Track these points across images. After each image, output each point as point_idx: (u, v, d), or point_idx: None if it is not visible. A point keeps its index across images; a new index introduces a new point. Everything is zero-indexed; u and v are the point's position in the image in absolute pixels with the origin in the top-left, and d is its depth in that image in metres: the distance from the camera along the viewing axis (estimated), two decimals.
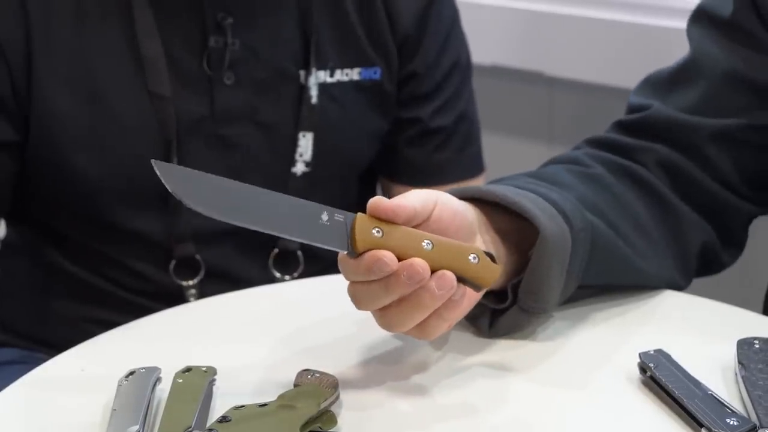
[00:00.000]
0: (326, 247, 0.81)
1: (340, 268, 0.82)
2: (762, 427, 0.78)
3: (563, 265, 0.91)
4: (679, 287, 1.04)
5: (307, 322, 0.97)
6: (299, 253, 1.30)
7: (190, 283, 1.27)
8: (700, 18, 1.12)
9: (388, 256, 0.80)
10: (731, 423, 0.78)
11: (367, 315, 0.86)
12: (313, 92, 1.27)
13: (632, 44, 1.81)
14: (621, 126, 1.10)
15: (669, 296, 1.02)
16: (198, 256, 1.26)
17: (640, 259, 1.00)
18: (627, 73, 1.74)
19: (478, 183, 1.40)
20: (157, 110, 1.21)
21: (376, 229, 0.80)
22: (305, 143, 1.27)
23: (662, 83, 1.11)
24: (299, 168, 1.27)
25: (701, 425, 0.79)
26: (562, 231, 0.90)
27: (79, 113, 1.21)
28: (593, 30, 1.86)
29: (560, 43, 1.90)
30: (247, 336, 0.95)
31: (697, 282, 1.08)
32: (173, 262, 1.26)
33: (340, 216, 0.81)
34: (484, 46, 1.78)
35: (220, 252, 1.27)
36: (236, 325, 0.98)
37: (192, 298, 1.26)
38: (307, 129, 1.27)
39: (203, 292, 1.25)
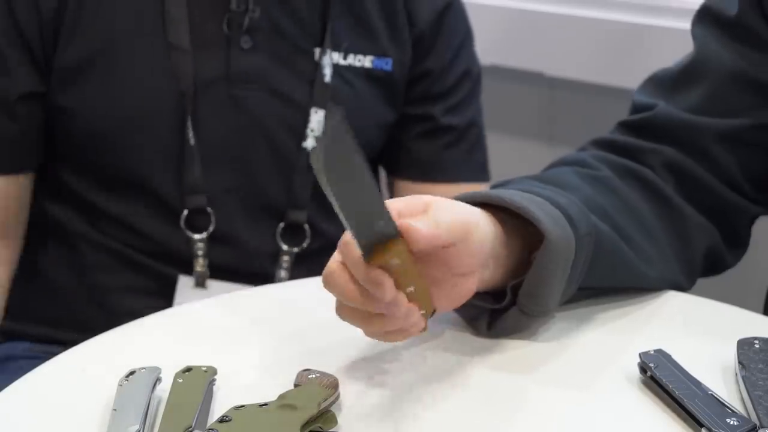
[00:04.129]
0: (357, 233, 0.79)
1: (348, 261, 0.81)
2: (762, 427, 0.78)
3: (565, 269, 0.91)
4: (682, 289, 1.04)
5: (307, 322, 0.97)
6: (306, 226, 1.33)
7: (200, 237, 1.29)
8: (704, 17, 1.12)
9: (389, 286, 0.79)
10: (731, 423, 0.78)
11: None
12: (327, 71, 1.31)
13: (632, 44, 1.81)
14: (626, 126, 1.10)
15: (669, 297, 1.02)
16: (209, 209, 1.29)
17: (644, 262, 1.00)
18: (627, 73, 1.74)
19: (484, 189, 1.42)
20: (175, 63, 1.26)
21: (396, 260, 0.80)
22: (317, 119, 1.30)
23: (667, 82, 1.11)
24: (310, 143, 1.30)
25: (701, 425, 0.79)
26: (567, 236, 0.90)
27: (97, 62, 1.25)
28: (593, 30, 1.87)
29: (560, 43, 1.90)
30: (247, 336, 0.95)
31: (697, 282, 1.08)
32: (185, 213, 1.28)
33: (389, 225, 0.80)
34: (484, 46, 1.78)
35: (231, 211, 1.30)
36: (236, 325, 0.98)
37: (200, 259, 1.29)
38: (320, 106, 1.31)
39: (211, 256, 1.29)
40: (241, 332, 0.96)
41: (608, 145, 1.09)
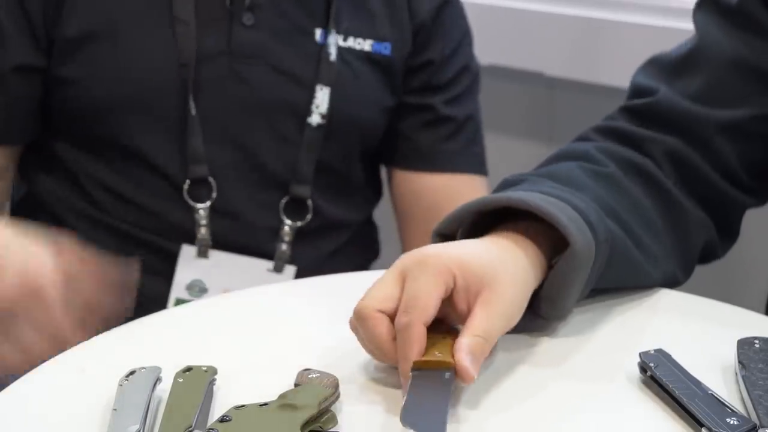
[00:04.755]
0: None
1: (402, 354, 0.83)
2: (762, 426, 0.78)
3: (584, 275, 0.91)
4: (678, 283, 1.04)
5: (308, 322, 0.97)
6: (309, 202, 1.35)
7: (202, 206, 1.30)
8: (706, 4, 1.12)
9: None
10: (731, 422, 0.78)
11: None
12: (332, 50, 1.33)
13: (632, 44, 1.81)
14: (628, 111, 1.10)
15: (669, 296, 1.02)
16: (211, 179, 1.31)
17: (650, 262, 1.00)
18: (626, 73, 1.73)
19: (482, 183, 1.43)
20: (179, 35, 1.28)
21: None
22: (322, 96, 1.33)
23: (668, 67, 1.11)
24: (314, 119, 1.33)
25: (701, 425, 0.79)
26: (589, 242, 0.90)
27: (101, 33, 1.27)
28: (593, 30, 1.86)
29: (560, 43, 1.90)
30: (247, 336, 0.95)
31: (697, 282, 1.08)
32: (187, 183, 1.30)
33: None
34: (484, 46, 1.79)
35: (232, 183, 1.33)
36: (236, 325, 0.98)
37: (202, 228, 1.31)
38: (325, 83, 1.33)
39: (212, 228, 1.31)
40: (241, 332, 0.96)
41: (611, 132, 1.09)
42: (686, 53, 1.10)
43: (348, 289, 0.94)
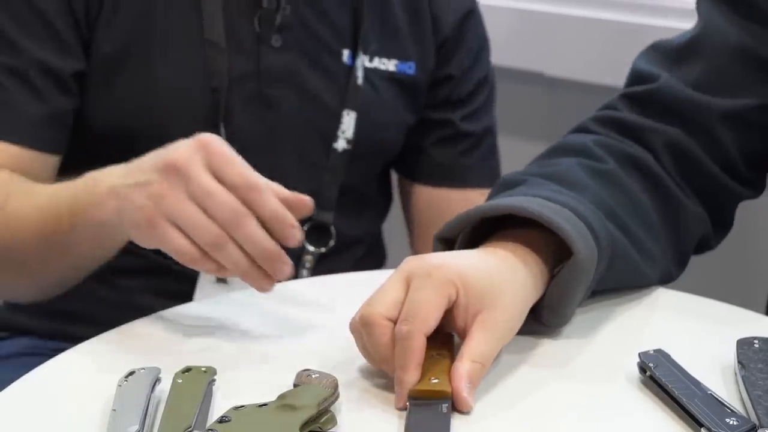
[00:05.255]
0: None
1: (399, 381, 0.83)
2: (762, 426, 0.78)
3: (587, 283, 0.91)
4: (672, 279, 1.05)
5: (308, 322, 0.97)
6: (332, 228, 1.34)
7: None
8: None
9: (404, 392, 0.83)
10: (731, 423, 0.78)
11: None
12: (359, 73, 1.32)
13: (632, 44, 1.81)
14: (628, 98, 1.10)
15: (669, 296, 1.02)
16: None
17: (648, 263, 1.00)
18: (626, 74, 1.74)
19: None
20: (210, 59, 1.27)
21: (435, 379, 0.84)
22: (348, 121, 1.32)
23: (671, 54, 1.10)
24: (340, 144, 1.32)
25: (701, 425, 0.79)
26: (592, 251, 0.90)
27: (132, 54, 1.26)
28: (593, 30, 1.86)
29: (560, 43, 1.90)
30: (247, 336, 0.95)
31: (697, 281, 1.08)
32: None
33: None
34: None
35: None
36: (236, 325, 0.98)
37: None
38: (352, 108, 1.32)
39: None
40: (240, 332, 0.96)
41: (611, 123, 1.08)
42: (689, 40, 1.10)
43: (348, 289, 0.95)
